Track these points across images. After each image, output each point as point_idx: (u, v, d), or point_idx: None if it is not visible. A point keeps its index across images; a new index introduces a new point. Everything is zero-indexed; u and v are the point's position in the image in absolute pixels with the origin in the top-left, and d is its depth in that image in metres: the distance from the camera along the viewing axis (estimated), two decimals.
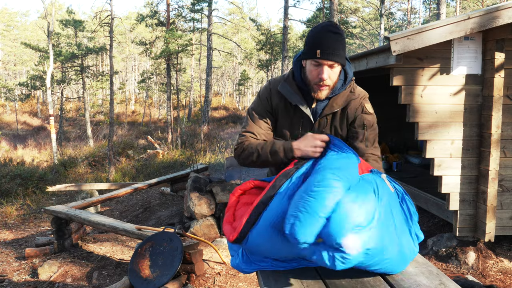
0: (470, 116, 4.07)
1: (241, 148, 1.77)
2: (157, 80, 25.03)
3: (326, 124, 1.79)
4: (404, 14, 30.77)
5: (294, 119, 1.80)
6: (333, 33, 1.61)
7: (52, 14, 16.26)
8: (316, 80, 1.66)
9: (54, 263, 4.58)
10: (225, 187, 5.46)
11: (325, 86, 1.67)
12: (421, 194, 4.98)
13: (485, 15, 3.66)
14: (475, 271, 3.99)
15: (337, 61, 1.63)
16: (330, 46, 1.60)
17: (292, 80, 1.77)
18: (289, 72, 1.82)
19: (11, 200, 9.27)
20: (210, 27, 20.75)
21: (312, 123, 1.78)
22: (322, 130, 1.79)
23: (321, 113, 1.77)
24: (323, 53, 1.60)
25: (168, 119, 17.76)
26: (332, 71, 1.65)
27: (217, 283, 3.88)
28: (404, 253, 1.48)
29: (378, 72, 5.07)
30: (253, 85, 41.43)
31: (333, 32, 1.62)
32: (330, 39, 1.61)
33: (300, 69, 1.76)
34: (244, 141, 1.77)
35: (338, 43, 1.61)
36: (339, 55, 1.62)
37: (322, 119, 1.78)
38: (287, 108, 1.80)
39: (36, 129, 25.53)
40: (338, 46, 1.61)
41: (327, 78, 1.65)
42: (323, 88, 1.68)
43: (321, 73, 1.64)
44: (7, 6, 62.60)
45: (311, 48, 1.63)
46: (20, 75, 43.90)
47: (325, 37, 1.61)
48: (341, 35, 1.62)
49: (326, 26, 1.64)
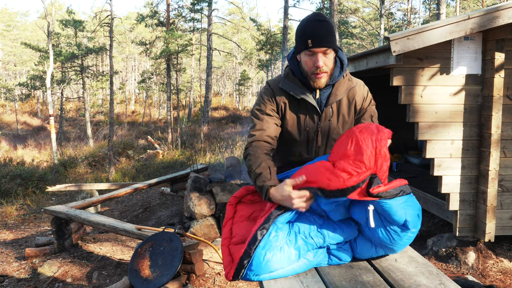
0: (470, 116, 4.07)
1: (246, 153, 1.77)
2: (157, 80, 25.03)
3: (333, 113, 1.80)
4: (404, 14, 30.74)
5: (299, 112, 1.80)
6: (319, 21, 1.66)
7: (52, 14, 16.26)
8: (313, 69, 1.69)
9: (54, 263, 4.57)
10: (225, 187, 5.46)
11: (322, 73, 1.70)
12: (421, 194, 4.98)
13: (485, 15, 3.66)
14: (475, 271, 3.99)
15: (329, 47, 1.67)
16: (319, 33, 1.64)
17: (293, 76, 1.79)
18: (286, 71, 1.84)
19: (11, 200, 9.27)
20: (210, 27, 20.75)
21: (319, 113, 1.79)
22: (329, 120, 1.80)
23: (326, 102, 1.79)
24: (314, 41, 1.64)
25: (168, 119, 17.76)
26: (326, 57, 1.69)
27: (217, 283, 3.88)
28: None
29: (378, 72, 5.07)
30: (253, 85, 41.43)
31: (320, 20, 1.67)
32: (318, 27, 1.65)
33: (297, 65, 1.79)
34: (252, 143, 1.76)
35: (327, 30, 1.66)
36: (330, 41, 1.66)
37: (327, 109, 1.79)
38: (292, 104, 1.81)
39: (36, 129, 25.52)
40: (327, 32, 1.66)
41: (323, 65, 1.68)
42: (321, 76, 1.71)
43: (316, 61, 1.67)
44: (7, 6, 62.60)
45: (302, 39, 1.67)
46: (20, 75, 43.89)
47: (313, 26, 1.65)
48: (328, 22, 1.67)
49: (311, 16, 1.69)
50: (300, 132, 1.82)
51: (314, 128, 1.81)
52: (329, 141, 1.84)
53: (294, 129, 1.82)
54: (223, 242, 1.65)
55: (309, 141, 1.84)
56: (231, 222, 1.68)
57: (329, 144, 1.84)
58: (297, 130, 1.82)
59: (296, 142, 1.85)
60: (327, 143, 1.84)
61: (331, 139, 1.83)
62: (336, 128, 1.82)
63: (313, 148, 1.85)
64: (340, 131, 1.82)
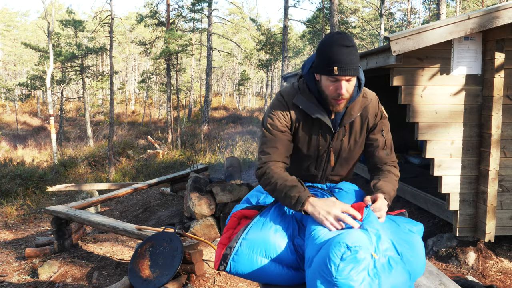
0: (470, 116, 4.07)
1: (263, 171, 1.70)
2: (157, 80, 25.01)
3: (345, 133, 1.78)
4: (404, 14, 30.75)
5: (312, 131, 1.77)
6: (347, 47, 1.58)
7: (52, 14, 16.26)
8: (334, 95, 1.64)
9: (54, 263, 4.57)
10: (225, 187, 5.46)
11: (343, 100, 1.66)
12: (421, 194, 4.98)
13: (485, 15, 3.66)
14: (475, 271, 3.99)
15: (355, 75, 1.61)
16: (347, 61, 1.57)
17: (309, 92, 1.73)
18: (301, 84, 1.76)
19: (11, 200, 9.27)
20: (210, 27, 20.74)
21: (333, 133, 1.76)
22: (341, 139, 1.78)
23: (340, 122, 1.75)
24: (340, 69, 1.57)
25: (168, 119, 17.76)
26: (349, 84, 1.63)
27: (217, 283, 3.88)
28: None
29: (378, 72, 5.07)
30: (253, 85, 41.45)
31: (347, 46, 1.58)
32: (345, 54, 1.57)
33: (314, 81, 1.72)
34: (268, 162, 1.71)
35: (354, 57, 1.58)
36: (355, 68, 1.60)
37: (341, 129, 1.77)
38: (306, 121, 1.76)
39: (36, 129, 25.52)
40: (354, 60, 1.58)
41: (345, 92, 1.63)
42: (341, 102, 1.66)
43: (339, 88, 1.61)
44: (7, 6, 62.61)
45: (327, 64, 1.59)
46: (20, 75, 43.90)
47: (340, 52, 1.57)
48: (354, 47, 1.60)
49: (339, 40, 1.59)
50: (310, 149, 1.80)
51: (325, 147, 1.79)
52: (339, 159, 1.83)
53: (304, 146, 1.79)
54: (219, 245, 1.67)
55: (319, 158, 1.82)
56: (232, 231, 1.69)
57: (338, 162, 1.83)
58: (307, 148, 1.80)
59: (305, 157, 1.83)
60: (337, 161, 1.83)
61: (342, 158, 1.82)
62: (347, 147, 1.80)
63: (322, 164, 1.84)
64: (351, 149, 1.81)
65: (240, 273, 1.60)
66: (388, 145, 1.83)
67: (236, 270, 1.59)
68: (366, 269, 1.29)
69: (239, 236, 1.59)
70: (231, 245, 1.59)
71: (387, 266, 1.33)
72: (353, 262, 1.27)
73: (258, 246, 1.56)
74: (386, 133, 1.83)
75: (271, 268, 1.57)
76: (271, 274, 1.58)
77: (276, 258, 1.57)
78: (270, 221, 1.62)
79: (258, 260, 1.56)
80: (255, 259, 1.56)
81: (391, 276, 1.31)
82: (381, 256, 1.35)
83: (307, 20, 23.03)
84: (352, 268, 1.26)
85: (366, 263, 1.29)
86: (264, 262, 1.56)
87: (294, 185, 1.59)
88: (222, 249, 1.63)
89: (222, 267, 1.59)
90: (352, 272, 1.26)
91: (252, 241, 1.57)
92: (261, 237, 1.57)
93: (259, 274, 1.59)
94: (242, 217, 1.73)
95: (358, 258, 1.28)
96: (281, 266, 1.58)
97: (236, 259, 1.57)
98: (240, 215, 1.73)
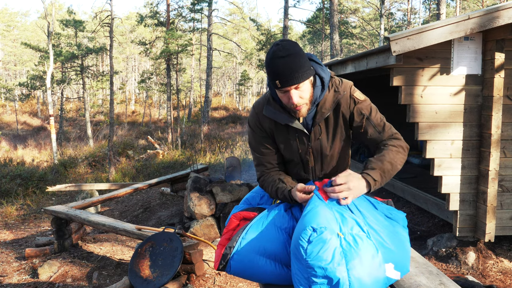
0: (470, 116, 4.07)
1: (261, 184, 1.87)
2: (157, 80, 25.02)
3: (321, 131, 1.76)
4: (404, 15, 30.74)
5: (289, 135, 1.78)
6: (282, 58, 1.54)
7: (52, 14, 16.26)
8: (289, 104, 1.64)
9: (54, 263, 4.57)
10: (225, 187, 5.46)
11: (299, 106, 1.64)
12: (421, 194, 4.98)
13: (485, 15, 3.66)
14: (475, 271, 3.99)
15: (298, 83, 1.57)
16: (285, 73, 1.54)
17: (274, 101, 1.73)
18: (268, 94, 1.78)
19: (11, 200, 9.27)
20: (210, 27, 20.75)
21: (308, 134, 1.76)
22: (319, 138, 1.76)
23: (313, 123, 1.75)
24: (281, 82, 1.56)
25: (168, 119, 17.76)
26: (300, 90, 1.60)
27: (217, 283, 3.88)
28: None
29: (378, 72, 5.07)
30: (253, 85, 41.43)
31: (282, 56, 1.54)
32: (282, 66, 1.54)
33: (275, 92, 1.71)
34: (262, 176, 1.86)
35: (292, 66, 1.54)
36: (297, 76, 1.55)
37: (316, 128, 1.75)
38: (279, 128, 1.77)
39: (36, 129, 25.53)
40: (293, 69, 1.54)
41: (298, 100, 1.61)
42: (300, 108, 1.65)
43: (290, 98, 1.61)
44: (7, 6, 62.58)
45: (271, 78, 1.59)
46: (20, 75, 43.91)
47: (277, 65, 1.54)
48: (292, 55, 1.54)
49: (275, 52, 1.56)
50: (293, 154, 1.81)
51: (305, 149, 1.78)
52: (324, 158, 1.81)
53: (286, 152, 1.82)
54: (219, 246, 1.68)
55: (303, 161, 1.82)
56: (231, 232, 1.70)
57: (324, 161, 1.82)
58: (290, 153, 1.81)
59: (292, 162, 1.85)
60: (323, 160, 1.82)
61: (325, 156, 1.80)
62: (327, 145, 1.78)
63: (309, 167, 1.83)
64: (332, 145, 1.78)
65: (240, 272, 1.60)
66: (377, 124, 1.74)
67: (236, 269, 1.59)
68: (334, 248, 1.38)
69: (238, 235, 1.60)
70: (231, 244, 1.60)
71: (353, 243, 1.41)
72: (320, 243, 1.37)
73: (258, 246, 1.57)
74: (369, 114, 1.74)
75: (271, 267, 1.57)
76: (271, 274, 1.58)
77: (276, 257, 1.58)
78: (270, 221, 1.62)
79: (258, 260, 1.56)
80: (255, 258, 1.56)
81: (358, 252, 1.39)
82: (347, 235, 1.43)
83: (307, 20, 23.04)
84: (321, 248, 1.36)
85: (333, 242, 1.38)
86: (264, 261, 1.56)
87: (277, 187, 1.76)
88: (222, 249, 1.64)
89: (222, 267, 1.60)
90: (320, 252, 1.36)
91: (252, 241, 1.57)
92: (261, 236, 1.58)
93: (259, 274, 1.59)
94: (242, 218, 1.74)
95: (324, 239, 1.37)
96: (281, 265, 1.58)
97: (236, 259, 1.57)
98: (240, 216, 1.74)
